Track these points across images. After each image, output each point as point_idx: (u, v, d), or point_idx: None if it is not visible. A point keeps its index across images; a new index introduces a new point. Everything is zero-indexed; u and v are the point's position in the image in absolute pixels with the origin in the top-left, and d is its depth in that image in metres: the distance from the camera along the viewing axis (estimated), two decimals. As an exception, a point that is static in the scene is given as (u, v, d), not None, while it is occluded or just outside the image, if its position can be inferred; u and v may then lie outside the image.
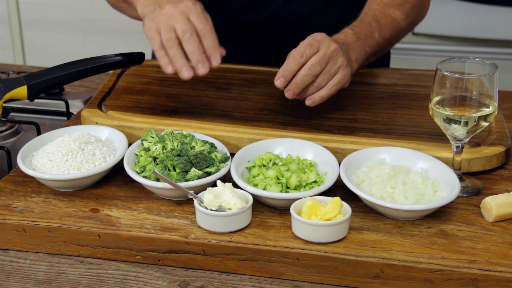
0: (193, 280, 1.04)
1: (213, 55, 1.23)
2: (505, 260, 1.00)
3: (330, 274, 1.02)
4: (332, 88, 1.24)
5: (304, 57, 1.20)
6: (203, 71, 1.22)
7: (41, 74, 1.24)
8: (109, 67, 1.29)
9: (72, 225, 1.09)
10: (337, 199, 1.05)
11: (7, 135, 1.42)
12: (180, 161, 1.13)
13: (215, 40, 1.23)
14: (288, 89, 1.24)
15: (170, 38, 1.20)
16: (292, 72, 1.21)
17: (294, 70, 1.21)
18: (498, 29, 2.51)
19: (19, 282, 1.03)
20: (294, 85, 1.23)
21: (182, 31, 1.20)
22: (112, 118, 1.32)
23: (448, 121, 1.12)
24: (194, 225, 1.08)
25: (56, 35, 2.90)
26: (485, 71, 1.11)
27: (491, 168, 1.22)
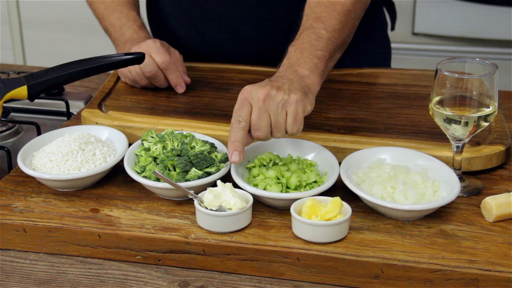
0: (193, 280, 1.04)
1: (178, 85, 1.43)
2: (505, 260, 1.00)
3: (330, 274, 1.02)
4: (294, 127, 1.14)
5: (243, 121, 1.13)
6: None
7: (41, 74, 1.24)
8: (109, 67, 1.29)
9: (72, 225, 1.09)
10: (337, 199, 1.05)
11: (7, 135, 1.42)
12: (180, 161, 1.13)
13: (176, 71, 1.42)
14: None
15: (139, 73, 1.42)
16: (241, 141, 1.13)
17: (242, 138, 1.13)
18: (498, 29, 2.51)
19: (19, 282, 1.03)
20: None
21: (147, 69, 1.40)
22: (112, 118, 1.32)
23: (448, 121, 1.12)
24: (194, 225, 1.08)
25: (56, 35, 2.90)
26: (485, 71, 1.11)
27: (491, 167, 1.22)
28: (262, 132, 1.13)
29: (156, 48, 1.40)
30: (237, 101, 1.15)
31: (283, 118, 1.13)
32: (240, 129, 1.12)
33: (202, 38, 1.58)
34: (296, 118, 1.13)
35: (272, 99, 1.13)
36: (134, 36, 1.45)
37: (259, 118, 1.13)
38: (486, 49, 2.57)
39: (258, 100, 1.13)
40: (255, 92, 1.14)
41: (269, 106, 1.13)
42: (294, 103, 1.13)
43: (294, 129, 1.14)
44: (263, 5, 1.51)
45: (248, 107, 1.14)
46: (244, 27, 1.53)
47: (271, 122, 1.13)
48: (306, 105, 1.15)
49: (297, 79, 1.18)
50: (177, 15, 1.59)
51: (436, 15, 2.55)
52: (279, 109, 1.13)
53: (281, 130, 1.14)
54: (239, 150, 1.11)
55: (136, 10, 1.54)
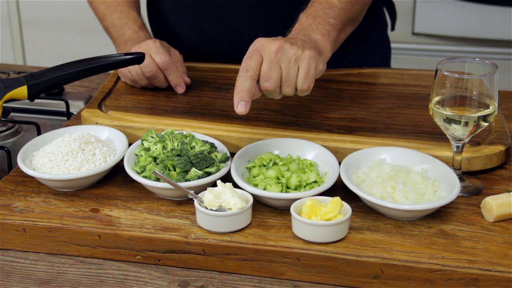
0: (193, 280, 1.04)
1: (178, 85, 1.42)
2: (505, 260, 1.00)
3: (330, 274, 1.02)
4: (305, 83, 1.11)
5: (251, 70, 1.10)
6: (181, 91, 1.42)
7: (41, 74, 1.24)
8: (109, 67, 1.29)
9: (72, 225, 1.09)
10: (337, 199, 1.05)
11: (7, 135, 1.42)
12: (180, 161, 1.13)
13: (176, 72, 1.41)
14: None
15: (139, 73, 1.41)
16: (248, 91, 1.10)
17: (250, 88, 1.10)
18: (498, 29, 2.51)
19: (19, 282, 1.03)
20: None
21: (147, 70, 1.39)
22: (112, 118, 1.32)
23: (448, 121, 1.12)
24: (194, 225, 1.08)
25: (56, 35, 2.90)
26: (485, 71, 1.11)
27: (491, 167, 1.22)
28: (272, 83, 1.09)
29: (156, 48, 1.40)
30: (248, 51, 1.12)
31: (295, 72, 1.11)
32: (247, 78, 1.09)
33: (203, 37, 1.58)
34: (308, 74, 1.11)
35: (285, 52, 1.10)
36: (134, 36, 1.45)
37: (270, 68, 1.09)
38: (486, 49, 2.57)
39: (270, 51, 1.10)
40: (267, 44, 1.11)
41: (281, 58, 1.10)
42: (307, 58, 1.10)
43: (305, 85, 1.11)
44: (264, 5, 1.51)
45: (258, 58, 1.10)
46: (245, 26, 1.53)
47: (281, 75, 1.10)
48: (319, 63, 1.12)
49: (310, 41, 1.16)
50: (177, 15, 1.59)
51: (436, 15, 2.55)
52: (292, 63, 1.10)
53: (291, 84, 1.11)
54: (245, 100, 1.08)
55: (137, 10, 1.54)
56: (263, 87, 1.10)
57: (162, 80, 1.42)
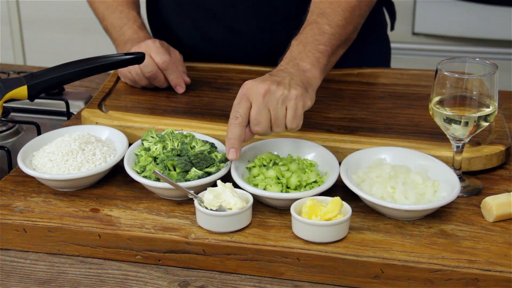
0: (193, 280, 1.04)
1: (178, 85, 1.43)
2: (505, 260, 1.00)
3: (330, 274, 1.02)
4: (294, 123, 1.14)
5: (240, 117, 1.13)
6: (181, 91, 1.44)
7: (41, 74, 1.24)
8: (109, 67, 1.29)
9: (72, 225, 1.09)
10: (337, 199, 1.05)
11: (8, 135, 1.42)
12: (180, 161, 1.13)
13: (176, 72, 1.42)
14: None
15: (139, 73, 1.41)
16: (238, 138, 1.13)
17: (240, 135, 1.13)
18: (498, 29, 2.51)
19: (19, 282, 1.03)
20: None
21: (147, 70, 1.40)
22: (112, 118, 1.32)
23: (448, 121, 1.12)
24: (194, 225, 1.08)
25: (56, 35, 2.90)
26: (485, 71, 1.11)
27: (491, 167, 1.22)
28: (262, 127, 1.13)
29: (155, 48, 1.40)
30: (237, 96, 1.15)
31: (283, 113, 1.14)
32: (237, 125, 1.12)
33: (203, 37, 1.58)
34: (295, 114, 1.14)
35: (272, 95, 1.13)
36: (134, 36, 1.45)
37: (258, 113, 1.12)
38: (486, 49, 2.57)
39: (258, 95, 1.13)
40: (255, 87, 1.14)
41: (269, 101, 1.13)
42: (294, 98, 1.13)
43: (294, 125, 1.14)
44: (264, 5, 1.51)
45: (246, 103, 1.13)
46: (245, 26, 1.53)
47: (270, 117, 1.13)
48: (306, 100, 1.15)
49: (298, 73, 1.18)
50: (178, 15, 1.59)
51: (436, 15, 2.55)
52: (279, 105, 1.13)
53: (280, 125, 1.14)
54: (235, 147, 1.12)
55: (137, 10, 1.54)
56: (254, 131, 1.14)
57: (162, 80, 1.42)
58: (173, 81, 1.42)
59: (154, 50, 1.39)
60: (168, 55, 1.41)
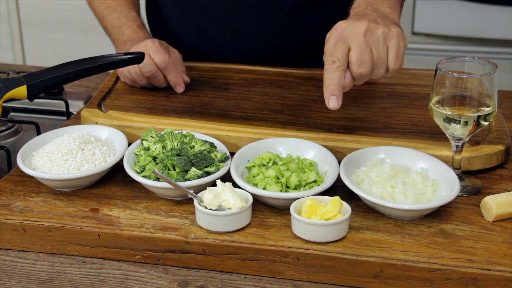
0: (193, 279, 1.04)
1: (177, 84, 1.42)
2: (504, 260, 1.00)
3: (330, 273, 1.02)
4: (397, 63, 1.06)
5: (337, 61, 1.05)
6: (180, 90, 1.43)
7: (41, 74, 1.24)
8: (109, 66, 1.29)
9: (72, 225, 1.09)
10: (337, 199, 1.05)
11: (7, 135, 1.42)
12: (180, 161, 1.13)
13: (175, 71, 1.41)
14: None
15: (138, 73, 1.41)
16: (338, 84, 1.05)
17: (339, 80, 1.05)
18: (498, 29, 2.51)
19: (19, 282, 1.03)
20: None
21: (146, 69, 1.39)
22: (111, 118, 1.32)
23: (447, 121, 1.12)
24: (194, 224, 1.08)
25: (55, 34, 2.90)
26: (485, 71, 1.11)
27: (491, 166, 1.22)
28: (366, 68, 1.05)
29: (155, 48, 1.40)
30: (329, 40, 1.06)
31: (385, 52, 1.06)
32: (335, 70, 1.04)
33: (203, 38, 1.58)
34: (398, 52, 1.06)
35: (373, 33, 1.05)
36: (133, 36, 1.45)
37: (361, 53, 1.04)
38: (486, 48, 2.57)
39: (358, 34, 1.04)
40: (352, 27, 1.05)
41: (370, 40, 1.04)
42: (395, 36, 1.06)
43: (397, 65, 1.07)
44: (264, 6, 1.51)
45: (344, 46, 1.04)
46: (245, 28, 1.53)
47: (373, 58, 1.05)
48: (405, 40, 1.09)
49: (382, 15, 1.10)
50: (178, 16, 1.59)
51: (436, 14, 2.55)
52: (381, 43, 1.05)
53: (382, 66, 1.06)
54: (336, 94, 1.04)
55: (136, 10, 1.54)
56: (357, 72, 1.05)
57: (162, 80, 1.42)
58: (173, 80, 1.42)
59: (153, 49, 1.39)
60: (167, 55, 1.41)
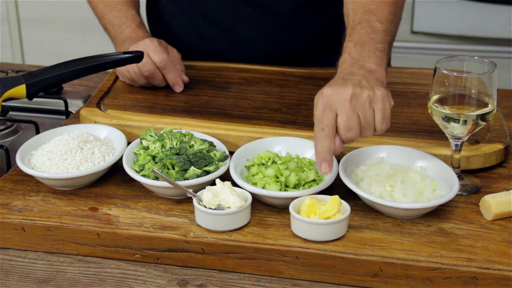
0: (192, 278, 1.04)
1: (176, 84, 1.43)
2: (504, 258, 1.00)
3: (329, 272, 1.02)
4: (384, 124, 1.09)
5: (326, 128, 1.07)
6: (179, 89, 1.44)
7: (40, 73, 1.24)
8: (108, 66, 1.29)
9: (71, 224, 1.09)
10: (336, 198, 1.05)
11: (6, 134, 1.42)
12: (179, 160, 1.13)
13: (174, 71, 1.42)
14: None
15: (137, 72, 1.41)
16: (328, 151, 1.07)
17: (329, 147, 1.07)
18: (497, 28, 2.51)
19: (18, 281, 1.03)
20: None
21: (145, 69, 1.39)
22: (111, 117, 1.32)
23: (447, 120, 1.12)
24: (193, 223, 1.08)
25: (55, 34, 2.90)
26: (484, 70, 1.11)
27: (490, 165, 1.22)
28: (354, 132, 1.07)
29: (154, 47, 1.40)
30: (317, 106, 1.08)
31: (372, 116, 1.08)
32: (325, 137, 1.07)
33: (202, 40, 1.58)
34: (384, 115, 1.08)
35: (358, 98, 1.07)
36: (132, 35, 1.45)
37: (349, 119, 1.06)
38: (485, 47, 2.57)
39: (344, 101, 1.06)
40: (337, 94, 1.07)
41: (356, 105, 1.06)
42: (380, 99, 1.08)
43: (384, 126, 1.09)
44: (263, 9, 1.51)
45: (331, 113, 1.07)
46: (244, 30, 1.53)
47: (360, 122, 1.08)
48: (390, 99, 1.10)
49: (368, 74, 1.12)
50: (177, 17, 1.59)
51: (435, 13, 2.55)
52: (367, 107, 1.07)
53: (370, 128, 1.08)
54: (327, 159, 1.07)
55: (136, 9, 1.54)
56: (346, 138, 1.07)
57: (160, 79, 1.42)
58: (171, 80, 1.42)
59: (152, 49, 1.39)
60: (166, 54, 1.40)
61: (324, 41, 1.58)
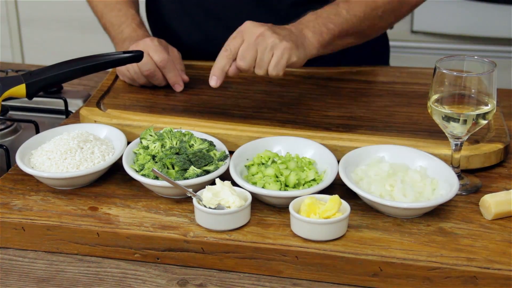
0: (192, 278, 1.04)
1: (176, 83, 1.43)
2: (503, 258, 1.00)
3: (329, 272, 1.02)
4: (274, 70, 1.23)
5: (229, 50, 1.23)
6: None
7: (40, 73, 1.24)
8: (108, 65, 1.29)
9: (71, 223, 1.09)
10: (336, 197, 1.05)
11: (6, 134, 1.42)
12: (179, 159, 1.13)
13: (174, 70, 1.42)
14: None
15: (137, 72, 1.41)
16: (222, 69, 1.24)
17: (224, 66, 1.24)
18: (497, 27, 2.51)
19: (18, 281, 1.03)
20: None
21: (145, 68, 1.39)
22: (110, 117, 1.32)
23: (446, 119, 1.12)
24: (193, 223, 1.08)
25: (54, 33, 2.90)
26: (484, 69, 1.11)
27: (490, 165, 1.22)
28: (245, 63, 1.22)
29: (154, 46, 1.39)
30: (234, 32, 1.25)
31: (268, 58, 1.22)
32: (224, 57, 1.23)
33: (203, 37, 1.58)
34: (278, 62, 1.22)
35: (265, 39, 1.22)
36: (132, 34, 1.45)
37: (246, 50, 1.22)
38: (485, 47, 2.57)
39: (252, 34, 1.22)
40: (252, 28, 1.23)
41: (260, 43, 1.22)
42: (281, 49, 1.22)
43: (274, 72, 1.23)
44: (264, 4, 1.51)
45: (239, 40, 1.23)
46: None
47: (256, 58, 1.22)
48: (292, 55, 1.23)
49: (297, 33, 1.26)
50: (178, 14, 1.59)
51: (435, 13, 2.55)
52: (267, 50, 1.22)
53: (262, 68, 1.23)
54: (217, 75, 1.24)
55: (135, 8, 1.54)
56: (237, 64, 1.23)
57: (160, 79, 1.42)
58: (171, 79, 1.42)
59: (152, 48, 1.39)
60: (166, 54, 1.41)
61: None
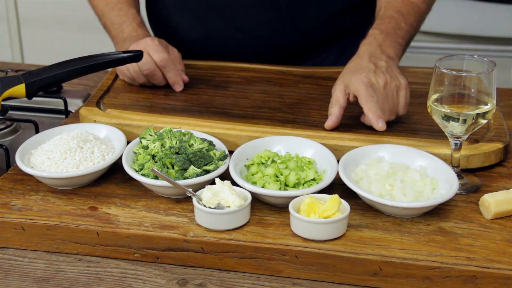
0: (192, 277, 1.04)
1: (176, 83, 1.43)
2: (503, 257, 1.00)
3: (329, 271, 1.02)
4: (405, 109, 1.28)
5: (375, 97, 1.24)
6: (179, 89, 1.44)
7: (39, 72, 1.24)
8: (107, 65, 1.29)
9: (71, 223, 1.09)
10: (336, 197, 1.05)
11: (6, 133, 1.42)
12: (178, 159, 1.13)
13: (174, 70, 1.42)
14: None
15: (137, 71, 1.41)
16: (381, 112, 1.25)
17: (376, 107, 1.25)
18: (497, 27, 2.51)
19: (17, 280, 1.03)
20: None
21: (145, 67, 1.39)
22: (110, 116, 1.32)
23: (446, 119, 1.12)
24: (193, 223, 1.08)
25: (54, 33, 2.90)
26: (483, 69, 1.11)
27: (489, 164, 1.22)
28: (386, 116, 1.25)
29: (154, 46, 1.40)
30: (361, 88, 1.24)
31: (398, 101, 1.27)
32: (375, 102, 1.24)
33: (205, 33, 1.58)
34: (406, 101, 1.27)
35: (389, 86, 1.25)
36: (133, 34, 1.45)
37: (383, 104, 1.25)
38: (485, 46, 2.57)
39: (379, 87, 1.25)
40: (374, 80, 1.25)
41: (388, 92, 1.25)
42: (405, 88, 1.27)
43: (405, 111, 1.28)
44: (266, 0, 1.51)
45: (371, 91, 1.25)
46: (247, 20, 1.54)
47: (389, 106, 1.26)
48: (408, 87, 1.28)
49: (390, 61, 1.30)
50: (179, 10, 1.59)
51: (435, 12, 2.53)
52: (395, 94, 1.26)
53: (394, 113, 1.27)
54: (382, 117, 1.24)
55: (136, 8, 1.54)
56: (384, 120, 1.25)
57: (160, 78, 1.42)
58: (171, 79, 1.42)
59: (152, 48, 1.39)
60: (166, 53, 1.41)
61: (326, 33, 1.59)
